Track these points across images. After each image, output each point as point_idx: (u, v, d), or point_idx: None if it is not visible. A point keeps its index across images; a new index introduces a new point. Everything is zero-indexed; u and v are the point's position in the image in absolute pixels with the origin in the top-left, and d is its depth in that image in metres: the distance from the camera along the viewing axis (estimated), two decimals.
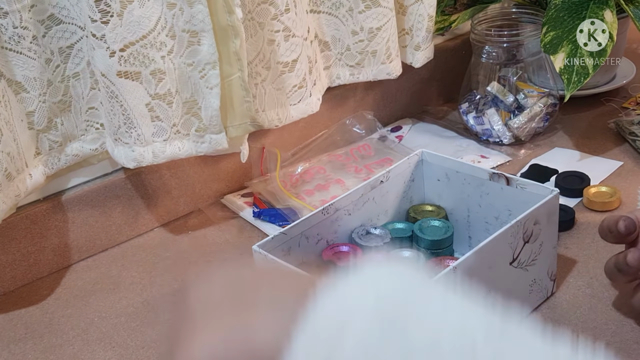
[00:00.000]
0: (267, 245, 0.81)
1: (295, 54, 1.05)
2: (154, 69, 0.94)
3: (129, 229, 1.09)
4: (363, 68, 1.17)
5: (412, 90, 1.35)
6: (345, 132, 1.26)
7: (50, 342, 0.91)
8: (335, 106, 1.26)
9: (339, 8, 1.12)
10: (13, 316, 0.96)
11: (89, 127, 1.01)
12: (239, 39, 0.95)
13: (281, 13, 1.02)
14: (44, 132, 0.96)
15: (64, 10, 0.92)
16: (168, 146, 0.99)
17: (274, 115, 1.09)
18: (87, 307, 0.97)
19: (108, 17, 0.89)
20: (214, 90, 0.96)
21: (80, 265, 1.05)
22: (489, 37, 1.21)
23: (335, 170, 1.18)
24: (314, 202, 1.10)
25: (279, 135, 1.20)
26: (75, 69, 0.96)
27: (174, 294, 0.96)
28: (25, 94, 0.92)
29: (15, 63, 0.90)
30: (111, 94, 0.93)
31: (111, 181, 1.06)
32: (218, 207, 1.15)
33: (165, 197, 1.11)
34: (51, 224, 1.02)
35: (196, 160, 1.11)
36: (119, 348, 0.89)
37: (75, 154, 1.01)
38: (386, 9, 1.12)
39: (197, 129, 1.00)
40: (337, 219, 0.88)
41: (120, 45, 0.90)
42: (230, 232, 1.09)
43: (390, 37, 1.14)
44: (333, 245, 0.90)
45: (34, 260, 1.02)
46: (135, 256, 1.06)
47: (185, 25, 0.93)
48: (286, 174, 1.16)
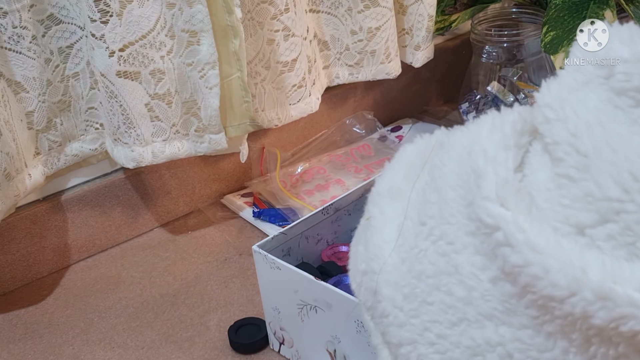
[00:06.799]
0: (267, 245, 0.81)
1: (295, 54, 1.05)
2: (153, 69, 0.94)
3: (128, 229, 1.09)
4: (362, 68, 1.17)
5: (412, 90, 1.34)
6: (345, 132, 1.26)
7: (50, 342, 0.91)
8: (335, 106, 1.26)
9: (338, 8, 1.12)
10: (13, 316, 0.96)
11: (89, 127, 1.01)
12: (239, 39, 0.95)
13: (281, 13, 1.02)
14: (44, 132, 0.96)
15: (64, 10, 0.92)
16: (167, 146, 0.99)
17: (274, 115, 1.09)
18: (87, 307, 0.97)
19: (107, 17, 0.89)
20: (214, 90, 0.96)
21: (80, 265, 1.05)
22: (489, 37, 1.21)
23: (335, 170, 1.18)
24: (314, 202, 1.10)
25: (279, 135, 1.20)
26: (75, 68, 0.96)
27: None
28: (25, 94, 0.92)
29: (14, 63, 0.90)
30: (110, 94, 0.93)
31: (111, 181, 1.06)
32: (218, 207, 1.15)
33: (165, 197, 1.11)
34: (51, 224, 1.02)
35: (196, 160, 1.11)
36: (119, 348, 0.89)
37: (74, 154, 1.01)
38: (385, 9, 1.11)
39: (197, 129, 1.00)
40: (337, 219, 0.88)
41: (120, 45, 0.90)
42: (230, 232, 1.09)
43: (389, 37, 1.14)
44: (333, 245, 0.90)
45: (33, 260, 1.02)
46: (135, 256, 1.06)
47: (185, 25, 0.93)
48: (286, 174, 1.16)
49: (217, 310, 0.94)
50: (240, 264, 1.02)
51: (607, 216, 0.42)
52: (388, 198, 0.58)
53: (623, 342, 0.41)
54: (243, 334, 0.87)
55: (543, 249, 0.42)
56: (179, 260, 1.05)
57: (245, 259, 1.03)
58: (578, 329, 0.42)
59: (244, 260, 1.03)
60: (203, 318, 0.93)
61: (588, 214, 0.43)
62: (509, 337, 0.45)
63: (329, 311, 0.75)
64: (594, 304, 0.40)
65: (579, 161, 0.44)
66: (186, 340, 0.90)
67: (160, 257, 1.06)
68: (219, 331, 0.90)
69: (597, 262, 0.41)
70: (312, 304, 0.76)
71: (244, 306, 0.94)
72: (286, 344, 0.84)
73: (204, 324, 0.92)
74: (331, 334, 0.76)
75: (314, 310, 0.76)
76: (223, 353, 0.87)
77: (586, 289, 0.40)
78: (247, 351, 0.86)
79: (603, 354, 0.42)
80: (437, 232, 0.50)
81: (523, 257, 0.42)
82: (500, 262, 0.44)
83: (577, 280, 0.40)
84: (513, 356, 0.45)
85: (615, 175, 0.42)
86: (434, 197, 0.51)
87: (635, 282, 0.39)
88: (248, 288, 0.97)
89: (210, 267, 1.02)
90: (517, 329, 0.45)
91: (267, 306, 0.83)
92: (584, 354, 0.43)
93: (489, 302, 0.46)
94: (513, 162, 0.47)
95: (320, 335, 0.78)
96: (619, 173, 0.42)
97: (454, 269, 0.48)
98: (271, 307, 0.82)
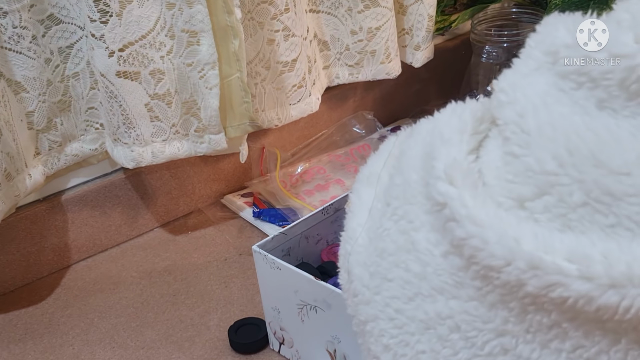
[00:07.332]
0: (267, 245, 0.81)
1: (295, 54, 1.05)
2: (153, 69, 0.94)
3: (128, 229, 1.09)
4: (362, 68, 1.17)
5: (412, 90, 1.34)
6: (345, 132, 1.26)
7: (50, 342, 0.91)
8: (335, 106, 1.26)
9: (338, 8, 1.12)
10: (13, 316, 0.96)
11: (89, 127, 1.01)
12: (238, 40, 0.95)
13: (281, 13, 1.02)
14: (44, 132, 0.96)
15: (64, 10, 0.92)
16: (167, 146, 0.99)
17: (274, 115, 1.09)
18: (87, 307, 0.97)
19: (107, 17, 0.88)
20: (213, 90, 0.96)
21: (80, 266, 1.05)
22: (489, 37, 1.21)
23: (335, 170, 1.18)
24: (314, 202, 1.10)
25: (279, 135, 1.20)
26: (75, 68, 0.96)
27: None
28: (25, 94, 0.92)
29: (14, 63, 0.90)
30: (110, 94, 0.93)
31: (111, 181, 1.06)
32: (218, 207, 1.15)
33: (165, 197, 1.11)
34: (51, 224, 1.02)
35: (196, 160, 1.11)
36: (119, 348, 0.89)
37: (74, 154, 1.01)
38: (385, 9, 1.11)
39: (197, 129, 1.00)
40: (337, 219, 0.88)
41: (120, 45, 0.90)
42: (230, 232, 1.09)
43: (389, 37, 1.14)
44: (333, 245, 0.90)
45: (33, 260, 1.02)
46: (135, 256, 1.06)
47: (185, 25, 0.93)
48: (286, 174, 1.16)
49: (217, 310, 0.94)
50: (240, 264, 1.02)
51: (544, 189, 0.46)
52: (366, 184, 0.63)
53: (555, 310, 0.44)
54: (243, 334, 0.87)
55: (483, 222, 0.45)
56: (179, 260, 1.05)
57: (245, 259, 1.03)
58: (515, 297, 0.45)
59: (244, 260, 1.03)
60: (203, 318, 0.93)
61: (528, 187, 0.47)
62: (458, 310, 0.49)
63: (329, 311, 0.75)
64: (526, 273, 0.43)
65: (523, 139, 0.47)
66: (186, 340, 0.90)
67: (160, 257, 1.06)
68: (219, 331, 0.90)
69: (530, 234, 0.44)
70: (312, 304, 0.76)
71: (244, 306, 0.94)
72: (286, 344, 0.84)
73: (204, 324, 0.92)
74: (331, 334, 0.76)
75: (314, 310, 0.76)
76: (223, 353, 0.87)
77: (519, 259, 0.43)
78: (247, 351, 0.86)
79: (538, 322, 0.45)
80: (399, 212, 0.54)
81: (466, 230, 0.46)
82: (449, 236, 0.48)
83: (511, 250, 0.44)
84: (460, 327, 0.49)
85: (553, 151, 0.45)
86: (399, 180, 0.55)
87: (565, 251, 0.43)
88: (248, 288, 0.97)
89: (210, 267, 1.02)
90: (464, 302, 0.48)
91: (267, 306, 0.83)
92: (521, 323, 0.46)
93: (440, 276, 0.49)
94: (467, 145, 0.51)
95: (320, 335, 0.78)
96: (556, 149, 0.45)
97: (411, 245, 0.52)
98: (271, 307, 0.82)
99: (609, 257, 0.42)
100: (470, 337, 0.48)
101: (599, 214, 0.43)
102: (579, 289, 0.42)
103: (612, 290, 0.41)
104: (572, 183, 0.44)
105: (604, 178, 0.43)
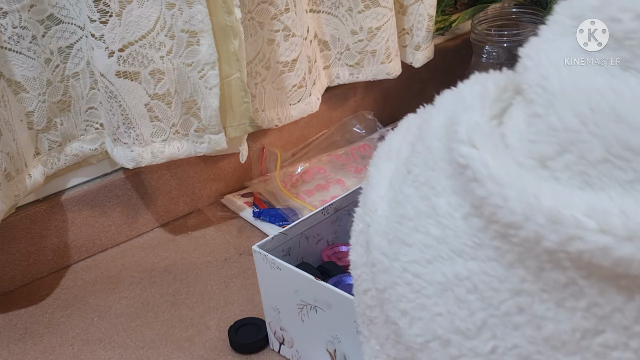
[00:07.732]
0: (267, 245, 0.81)
1: (295, 54, 1.05)
2: (153, 69, 0.94)
3: (128, 229, 1.09)
4: (362, 68, 1.17)
5: (412, 90, 1.34)
6: (345, 132, 1.26)
7: (50, 342, 0.91)
8: (335, 106, 1.26)
9: (338, 8, 1.12)
10: (13, 316, 0.96)
11: (89, 127, 1.01)
12: (238, 40, 0.95)
13: (281, 13, 1.02)
14: (44, 132, 0.96)
15: (64, 10, 0.92)
16: (167, 146, 0.99)
17: (274, 115, 1.09)
18: (87, 307, 0.97)
19: (107, 17, 0.88)
20: (213, 90, 0.96)
21: (80, 265, 1.05)
22: (489, 37, 1.21)
23: (335, 170, 1.18)
24: (314, 202, 1.10)
25: (279, 135, 1.20)
26: (75, 68, 0.96)
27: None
28: (25, 94, 0.92)
29: (14, 63, 0.90)
30: (110, 94, 0.93)
31: (110, 181, 1.06)
32: (218, 207, 1.15)
33: (164, 197, 1.11)
34: (51, 224, 1.02)
35: (196, 160, 1.11)
36: (119, 348, 0.89)
37: (74, 154, 1.01)
38: (385, 9, 1.11)
39: (196, 129, 1.00)
40: (337, 219, 0.88)
41: (119, 46, 0.90)
42: (230, 232, 1.09)
43: (389, 37, 1.14)
44: (333, 245, 0.90)
45: (33, 260, 1.02)
46: (135, 256, 1.06)
47: (185, 25, 0.93)
48: (286, 174, 1.16)
49: (217, 310, 0.94)
50: (240, 264, 1.02)
51: (565, 146, 0.47)
52: (385, 159, 0.63)
53: (571, 267, 0.45)
54: (243, 334, 0.87)
55: (504, 181, 0.46)
56: (179, 260, 1.05)
57: (245, 259, 1.03)
58: (533, 255, 0.46)
59: (244, 260, 1.03)
60: (203, 318, 0.93)
61: (549, 145, 0.48)
62: (476, 271, 0.50)
63: (329, 311, 0.74)
64: (545, 227, 0.44)
65: (546, 99, 0.49)
66: (186, 340, 0.90)
67: (160, 257, 1.06)
68: (219, 331, 0.90)
69: (550, 191, 0.45)
70: (312, 304, 0.76)
71: (244, 306, 0.94)
72: (286, 344, 0.84)
73: (204, 323, 0.92)
74: (331, 334, 0.76)
75: (314, 310, 0.76)
76: (223, 353, 0.87)
77: (538, 214, 0.44)
78: (247, 351, 0.86)
79: (554, 280, 0.46)
80: (421, 179, 0.55)
81: (486, 189, 0.47)
82: (470, 197, 0.49)
83: (531, 206, 0.45)
84: (478, 288, 0.50)
85: (575, 109, 0.46)
86: (420, 147, 0.56)
87: (583, 207, 0.44)
88: (248, 288, 0.97)
89: (210, 267, 1.02)
90: (483, 262, 0.49)
91: (267, 306, 0.83)
92: (537, 282, 0.47)
93: (460, 238, 0.51)
94: (490, 110, 0.52)
95: (320, 335, 0.78)
96: (578, 106, 0.46)
97: (432, 210, 0.53)
98: (271, 307, 0.82)
99: (626, 211, 0.42)
100: (487, 298, 0.49)
101: (618, 170, 0.44)
102: (596, 241, 0.42)
103: (628, 243, 0.42)
104: (593, 139, 0.45)
105: (624, 133, 0.44)
